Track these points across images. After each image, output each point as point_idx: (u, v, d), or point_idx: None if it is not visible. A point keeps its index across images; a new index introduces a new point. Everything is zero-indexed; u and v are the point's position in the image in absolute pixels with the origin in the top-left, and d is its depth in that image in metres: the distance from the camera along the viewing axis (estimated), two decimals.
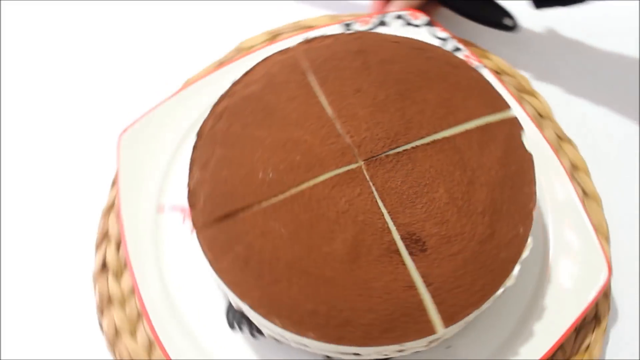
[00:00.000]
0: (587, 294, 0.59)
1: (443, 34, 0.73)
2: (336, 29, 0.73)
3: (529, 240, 0.54)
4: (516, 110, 0.65)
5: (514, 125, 0.58)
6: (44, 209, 0.71)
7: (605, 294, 0.63)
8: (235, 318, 0.61)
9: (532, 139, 0.60)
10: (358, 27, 0.73)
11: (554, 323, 0.58)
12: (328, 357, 0.58)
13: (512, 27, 0.76)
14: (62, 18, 0.84)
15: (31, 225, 0.70)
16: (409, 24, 0.74)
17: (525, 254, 0.53)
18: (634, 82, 0.77)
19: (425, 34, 0.73)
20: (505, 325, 0.60)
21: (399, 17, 0.74)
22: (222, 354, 0.59)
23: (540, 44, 0.81)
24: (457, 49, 0.72)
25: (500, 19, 0.76)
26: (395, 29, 0.74)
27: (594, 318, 0.63)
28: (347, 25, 0.73)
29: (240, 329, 0.60)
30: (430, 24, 0.74)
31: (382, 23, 0.74)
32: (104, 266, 0.65)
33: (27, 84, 0.79)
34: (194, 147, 0.57)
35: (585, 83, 0.78)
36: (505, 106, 0.59)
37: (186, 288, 0.62)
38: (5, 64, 0.81)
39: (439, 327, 0.50)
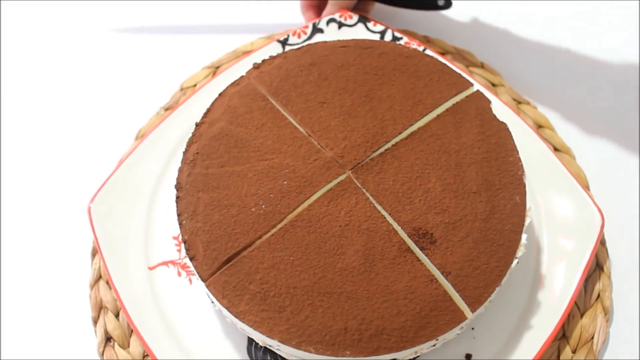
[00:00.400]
0: (588, 241, 0.60)
1: (379, 27, 0.74)
2: (275, 48, 0.72)
3: (528, 206, 0.54)
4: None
5: (481, 99, 0.59)
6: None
7: (601, 241, 0.65)
8: (258, 355, 0.59)
9: (494, 106, 0.60)
10: (295, 40, 0.73)
11: (565, 280, 0.59)
12: None
13: (446, 5, 0.77)
14: None
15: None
16: (343, 25, 0.74)
17: (528, 220, 0.54)
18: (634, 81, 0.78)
19: (362, 31, 0.74)
20: (519, 298, 0.60)
21: (332, 21, 0.74)
22: None
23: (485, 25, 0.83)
24: (397, 39, 0.73)
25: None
26: (331, 33, 0.74)
27: (596, 266, 0.64)
28: (284, 41, 0.73)
29: None
30: (363, 20, 0.74)
31: (318, 30, 0.74)
32: (108, 340, 0.63)
33: None
34: (177, 199, 0.56)
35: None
36: (467, 83, 0.60)
37: (202, 342, 0.60)
38: None
39: (468, 313, 0.50)
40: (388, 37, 0.73)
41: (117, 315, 0.63)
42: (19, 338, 0.65)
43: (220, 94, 0.62)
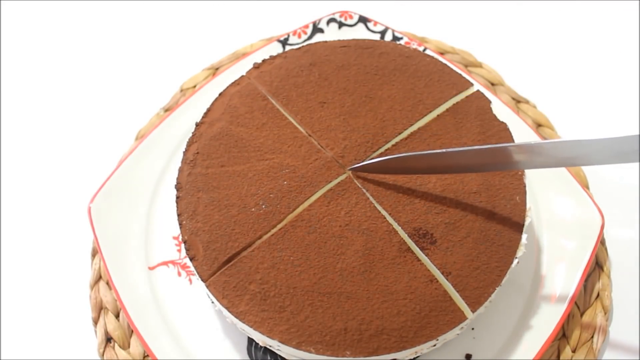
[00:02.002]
0: (588, 241, 0.60)
1: (379, 27, 0.74)
2: (275, 48, 0.72)
3: (528, 206, 0.54)
4: None
5: (481, 98, 0.59)
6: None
7: (601, 241, 0.65)
8: (258, 355, 0.59)
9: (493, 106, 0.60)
10: (295, 40, 0.73)
11: (565, 280, 0.59)
12: None
13: None
14: None
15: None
16: (343, 25, 0.74)
17: (528, 220, 0.54)
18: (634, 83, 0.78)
19: (362, 31, 0.74)
20: (519, 298, 0.60)
21: (332, 20, 0.74)
22: None
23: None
24: (397, 39, 0.73)
25: None
26: (331, 33, 0.74)
27: (596, 265, 0.64)
28: (284, 41, 0.73)
29: None
30: (364, 20, 0.74)
31: (318, 30, 0.74)
32: (108, 340, 0.63)
33: None
34: (177, 199, 0.56)
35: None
36: (467, 83, 0.60)
37: (202, 342, 0.60)
38: None
39: (468, 313, 0.50)
40: (388, 37, 0.73)
41: (117, 316, 0.63)
42: (19, 338, 0.65)
43: (220, 94, 0.62)
